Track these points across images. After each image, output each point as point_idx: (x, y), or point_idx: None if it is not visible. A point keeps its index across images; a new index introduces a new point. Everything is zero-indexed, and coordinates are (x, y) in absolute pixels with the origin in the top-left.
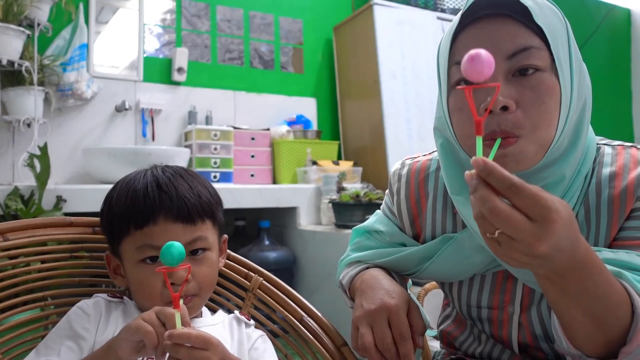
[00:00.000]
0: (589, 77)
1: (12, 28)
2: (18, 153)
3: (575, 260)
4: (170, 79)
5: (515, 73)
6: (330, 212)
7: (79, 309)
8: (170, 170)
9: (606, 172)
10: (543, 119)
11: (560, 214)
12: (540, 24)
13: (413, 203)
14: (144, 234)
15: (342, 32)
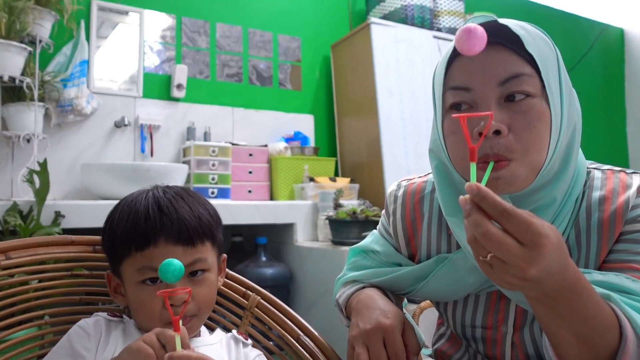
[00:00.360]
0: (578, 102)
1: (14, 45)
2: (17, 168)
3: (565, 283)
4: (170, 95)
5: (507, 99)
6: (327, 228)
7: (80, 328)
8: (171, 192)
9: (596, 195)
10: (534, 143)
11: (550, 239)
12: (531, 52)
13: (409, 224)
14: (145, 256)
15: (340, 50)
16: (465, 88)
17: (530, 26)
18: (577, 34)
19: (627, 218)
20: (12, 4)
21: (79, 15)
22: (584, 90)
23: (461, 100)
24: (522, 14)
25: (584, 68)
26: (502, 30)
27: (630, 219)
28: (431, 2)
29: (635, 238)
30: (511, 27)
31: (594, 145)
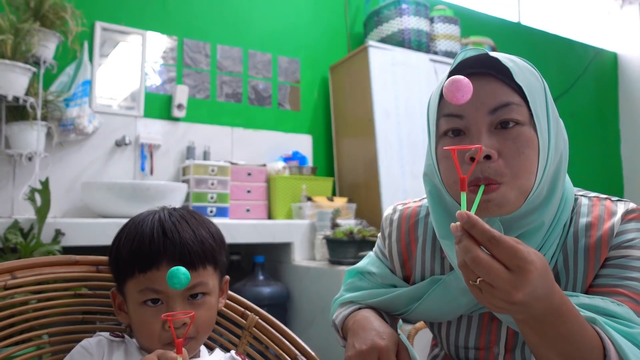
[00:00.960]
0: (565, 132)
1: (19, 66)
2: (18, 186)
3: (551, 307)
4: (170, 114)
5: (497, 126)
6: (324, 248)
7: (83, 348)
8: (176, 215)
9: (583, 222)
10: (523, 168)
11: (535, 265)
12: (519, 82)
13: (403, 246)
14: (147, 278)
15: (338, 72)
16: (458, 115)
17: (519, 59)
18: (571, 58)
19: (612, 244)
20: (19, 26)
21: (82, 37)
22: (578, 113)
23: (454, 127)
24: (517, 38)
25: (578, 91)
26: (492, 63)
27: (615, 245)
28: (428, 26)
29: (620, 263)
30: (501, 60)
31: (588, 168)
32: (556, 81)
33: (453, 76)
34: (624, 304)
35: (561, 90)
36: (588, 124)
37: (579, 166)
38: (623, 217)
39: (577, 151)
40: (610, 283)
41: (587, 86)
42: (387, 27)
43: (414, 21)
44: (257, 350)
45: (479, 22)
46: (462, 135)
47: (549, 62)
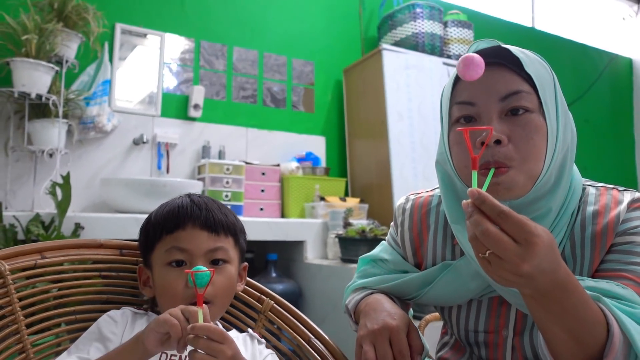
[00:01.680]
0: (573, 124)
1: (43, 64)
2: (39, 182)
3: (557, 282)
4: (187, 114)
5: (508, 113)
6: (336, 246)
7: (108, 316)
8: (205, 196)
9: (590, 210)
10: (531, 153)
11: (542, 239)
12: (529, 72)
13: (415, 234)
14: (173, 237)
15: (352, 75)
16: (470, 103)
17: (530, 52)
18: (586, 64)
19: (617, 231)
20: (43, 26)
21: (103, 38)
22: (593, 119)
23: (466, 113)
24: (530, 43)
25: (592, 97)
26: (503, 53)
27: (620, 232)
28: (441, 30)
29: (625, 249)
30: (512, 51)
31: (603, 174)
32: (570, 87)
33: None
34: (628, 287)
35: (575, 96)
36: (602, 130)
37: (593, 172)
38: (629, 205)
39: (592, 157)
40: (616, 268)
41: (601, 92)
42: (401, 31)
43: (427, 25)
44: (272, 333)
45: (492, 27)
46: (474, 122)
47: (563, 67)
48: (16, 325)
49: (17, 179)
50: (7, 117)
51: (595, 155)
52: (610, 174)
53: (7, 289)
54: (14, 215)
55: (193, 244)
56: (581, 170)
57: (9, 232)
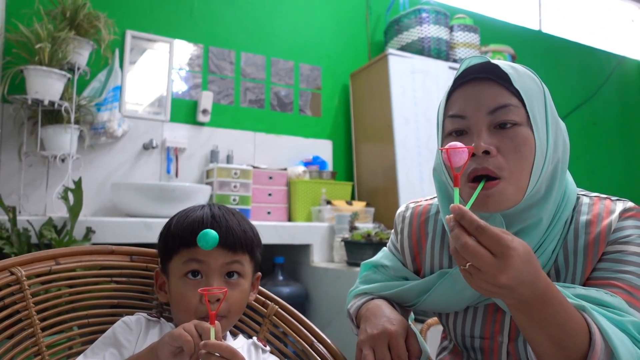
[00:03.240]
0: (566, 135)
1: (56, 72)
2: (51, 186)
3: (537, 292)
4: (195, 119)
5: (497, 126)
6: (342, 250)
7: (123, 322)
8: (225, 208)
9: (583, 219)
10: (520, 164)
11: (518, 251)
12: (517, 86)
13: (414, 242)
14: (191, 251)
15: (358, 79)
16: (461, 116)
17: (520, 66)
18: (593, 66)
19: (609, 239)
20: (55, 34)
21: (113, 45)
22: (601, 122)
23: (457, 127)
24: (538, 47)
25: (600, 99)
26: (493, 69)
27: (612, 240)
28: (447, 34)
29: (615, 257)
30: (501, 66)
31: (611, 177)
32: (578, 89)
33: (451, 142)
34: (617, 295)
35: (583, 99)
36: (611, 132)
37: (601, 175)
38: (621, 214)
39: (600, 160)
40: (606, 276)
41: (609, 94)
42: (407, 36)
43: (433, 30)
44: (276, 337)
45: (499, 30)
46: (465, 135)
47: (570, 70)
48: (32, 329)
49: (30, 183)
50: (21, 123)
51: (604, 158)
52: (619, 176)
53: (23, 294)
54: (28, 219)
55: (210, 258)
56: (589, 174)
57: (23, 236)
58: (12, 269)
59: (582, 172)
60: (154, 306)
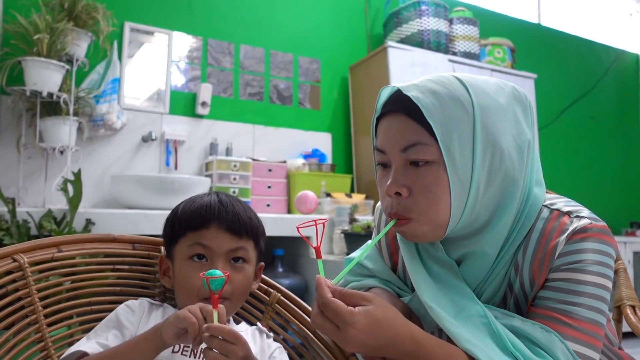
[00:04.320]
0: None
1: (54, 63)
2: (50, 178)
3: (404, 353)
4: (194, 112)
5: (412, 163)
6: (342, 242)
7: (126, 305)
8: (231, 196)
9: (534, 238)
10: (431, 205)
11: (357, 326)
12: (430, 121)
13: (391, 239)
14: (197, 235)
15: (358, 72)
16: (381, 150)
17: (445, 87)
18: (592, 60)
19: (552, 266)
20: (53, 25)
21: (112, 36)
22: (598, 115)
23: (380, 160)
24: (537, 40)
25: (598, 93)
26: (405, 99)
27: (554, 267)
28: (447, 27)
29: (558, 286)
30: (413, 97)
31: (609, 170)
32: (576, 83)
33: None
34: (555, 329)
35: (581, 92)
36: (608, 126)
37: (599, 169)
38: (569, 237)
39: (598, 154)
40: (550, 306)
41: (608, 88)
42: (407, 28)
43: (433, 22)
44: (279, 324)
45: (498, 23)
46: (389, 168)
47: (569, 63)
48: (35, 316)
49: (29, 175)
50: (19, 115)
51: (601, 152)
52: (616, 170)
53: (26, 280)
54: (27, 211)
55: (216, 243)
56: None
57: (23, 227)
58: (14, 255)
59: (580, 166)
60: (156, 294)
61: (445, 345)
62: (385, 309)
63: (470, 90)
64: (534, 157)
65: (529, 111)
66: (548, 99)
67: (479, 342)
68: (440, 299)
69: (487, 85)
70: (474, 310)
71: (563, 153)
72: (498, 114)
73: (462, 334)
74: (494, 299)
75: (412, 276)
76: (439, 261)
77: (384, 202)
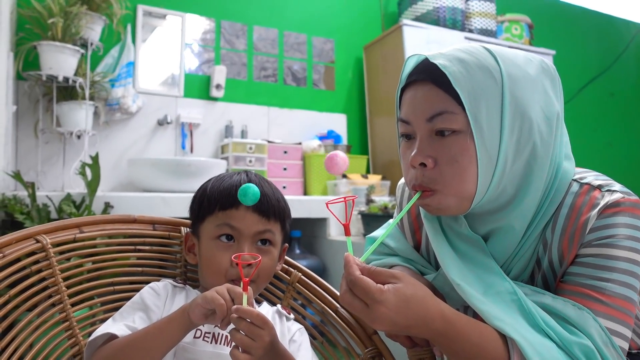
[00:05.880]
0: (544, 124)
1: (69, 47)
2: (68, 162)
3: (434, 332)
4: (209, 95)
5: (438, 133)
6: (359, 223)
7: (151, 288)
8: (260, 176)
9: (564, 213)
10: (457, 176)
11: (386, 304)
12: (457, 88)
13: (414, 217)
14: (226, 214)
15: (372, 51)
16: (406, 121)
17: (473, 56)
18: (612, 35)
19: (583, 241)
20: (67, 9)
21: (125, 20)
22: (618, 92)
23: (404, 131)
24: (555, 15)
25: (618, 69)
26: (432, 68)
27: (585, 243)
28: (463, 4)
29: (591, 262)
30: (439, 65)
31: (629, 147)
32: (595, 59)
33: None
34: (588, 306)
35: (601, 69)
36: (628, 103)
37: (619, 147)
38: (601, 211)
39: (618, 131)
40: (581, 282)
41: (628, 64)
42: (422, 6)
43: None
44: (300, 303)
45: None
46: (413, 139)
47: (588, 39)
48: (59, 296)
49: (47, 160)
50: (36, 100)
51: (622, 130)
52: (637, 148)
53: (49, 261)
54: (47, 195)
55: (244, 224)
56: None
57: (43, 211)
58: (37, 237)
59: (600, 144)
60: (177, 274)
61: (476, 323)
62: (415, 287)
63: (499, 59)
64: (563, 130)
65: (557, 84)
66: (567, 76)
67: (509, 319)
68: (467, 276)
69: (515, 57)
70: (503, 287)
71: (582, 131)
72: (527, 84)
73: (491, 311)
74: (521, 276)
75: (438, 253)
76: (464, 238)
77: (407, 175)
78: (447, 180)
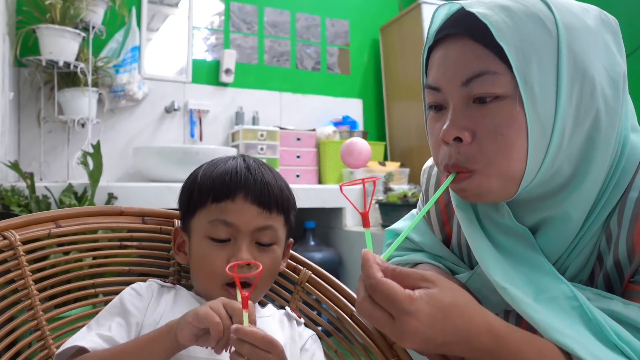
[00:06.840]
0: (609, 87)
1: (69, 30)
2: (72, 152)
3: (479, 351)
4: (218, 80)
5: (476, 100)
6: (376, 212)
7: (132, 289)
8: (259, 161)
9: (633, 197)
10: (501, 152)
11: (417, 316)
12: (502, 43)
13: (442, 206)
14: (220, 208)
15: (389, 33)
16: (435, 88)
17: (520, 3)
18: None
19: None
20: None
21: (130, 2)
22: None
23: (433, 101)
24: None
25: None
26: (469, 19)
27: None
28: None
29: None
30: (477, 15)
31: None
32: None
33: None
34: None
35: (631, 49)
36: None
37: None
38: None
39: None
40: None
41: None
42: None
43: None
44: (309, 306)
45: None
46: (444, 110)
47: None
48: (30, 301)
49: (51, 150)
50: (38, 88)
51: None
52: None
53: (18, 260)
54: (46, 186)
55: (241, 219)
56: None
57: (42, 203)
58: (4, 232)
59: None
60: (170, 273)
61: (533, 338)
62: (455, 293)
63: (552, 6)
64: (627, 96)
65: (620, 40)
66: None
67: (571, 331)
68: (513, 277)
69: (570, 4)
70: (559, 290)
71: None
72: (587, 37)
73: (548, 321)
74: (580, 276)
75: (475, 249)
76: (506, 230)
77: (438, 154)
78: (490, 157)
